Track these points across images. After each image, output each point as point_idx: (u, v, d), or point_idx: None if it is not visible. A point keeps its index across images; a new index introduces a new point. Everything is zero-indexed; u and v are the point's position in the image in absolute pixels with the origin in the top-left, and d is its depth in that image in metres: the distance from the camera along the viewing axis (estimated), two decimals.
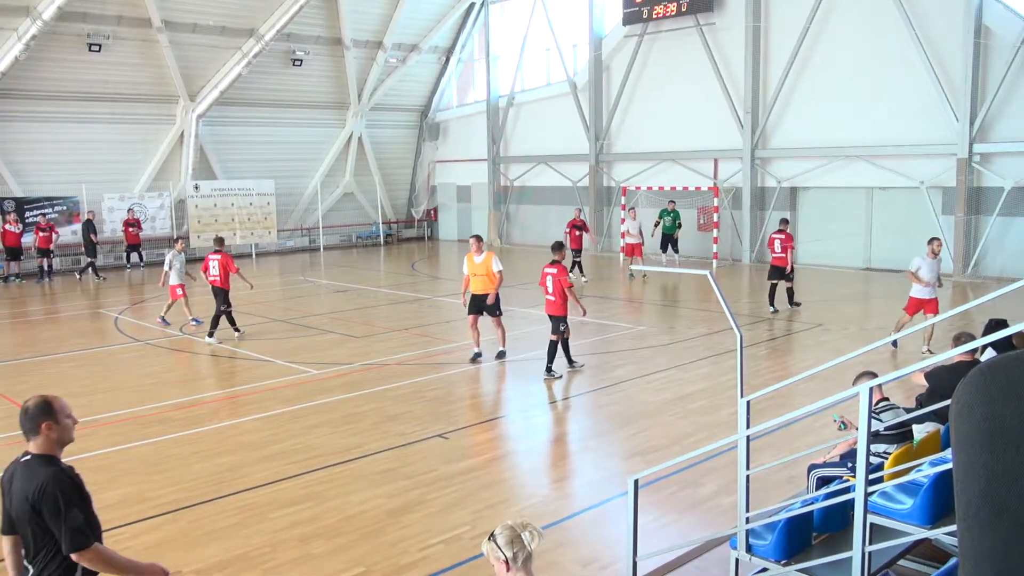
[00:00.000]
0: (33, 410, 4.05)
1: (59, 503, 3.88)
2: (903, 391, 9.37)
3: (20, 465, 4.05)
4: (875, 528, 4.92)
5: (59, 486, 3.91)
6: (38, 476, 3.93)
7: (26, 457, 4.05)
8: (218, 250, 15.44)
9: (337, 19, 29.09)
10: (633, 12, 26.29)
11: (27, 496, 3.92)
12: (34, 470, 3.97)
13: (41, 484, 3.90)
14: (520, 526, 3.52)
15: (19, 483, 3.99)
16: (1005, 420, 1.05)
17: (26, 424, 4.05)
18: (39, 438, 4.04)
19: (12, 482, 4.05)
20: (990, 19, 19.64)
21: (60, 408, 4.11)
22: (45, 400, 4.09)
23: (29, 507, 3.91)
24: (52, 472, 3.95)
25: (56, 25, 23.32)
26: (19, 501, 3.96)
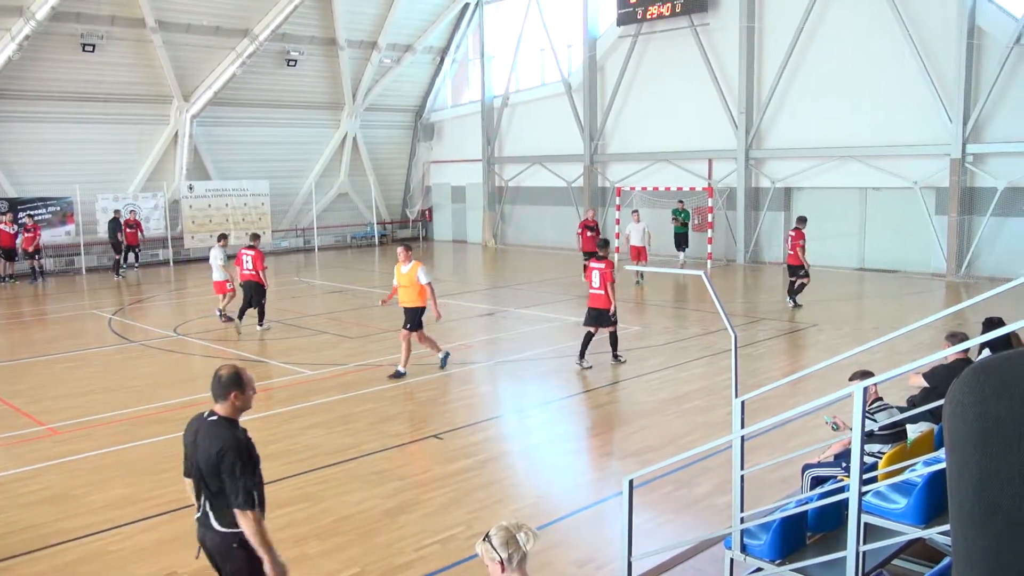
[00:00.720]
0: (225, 379, 4.65)
1: (236, 465, 4.46)
2: (898, 391, 9.40)
3: (206, 423, 4.64)
4: (869, 528, 4.93)
5: (238, 449, 4.51)
6: (222, 436, 4.53)
7: (212, 417, 4.65)
8: (251, 246, 16.00)
9: (331, 19, 29.06)
10: (627, 12, 26.31)
11: (211, 453, 4.51)
12: (219, 431, 4.56)
13: (223, 445, 4.49)
14: (515, 527, 3.52)
15: (204, 439, 4.58)
16: (998, 420, 1.06)
17: (217, 390, 4.65)
18: (226, 403, 4.65)
19: (197, 435, 4.65)
20: (983, 20, 19.71)
21: (247, 381, 4.70)
22: (237, 372, 4.71)
23: (214, 463, 4.50)
24: (234, 435, 4.55)
25: (49, 25, 23.27)
26: (204, 454, 4.55)
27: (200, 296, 21.83)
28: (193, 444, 4.68)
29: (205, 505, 4.66)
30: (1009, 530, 1.06)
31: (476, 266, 27.70)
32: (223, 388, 4.64)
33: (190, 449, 4.73)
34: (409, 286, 12.09)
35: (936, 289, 19.68)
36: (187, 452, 4.78)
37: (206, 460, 4.54)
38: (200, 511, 4.69)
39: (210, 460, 4.51)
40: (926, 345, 12.70)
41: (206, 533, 4.70)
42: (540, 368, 13.02)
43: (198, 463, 4.61)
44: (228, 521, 4.57)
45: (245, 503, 4.47)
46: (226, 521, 4.58)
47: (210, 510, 4.63)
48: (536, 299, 19.08)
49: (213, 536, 4.65)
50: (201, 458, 4.58)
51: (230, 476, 4.46)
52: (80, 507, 7.68)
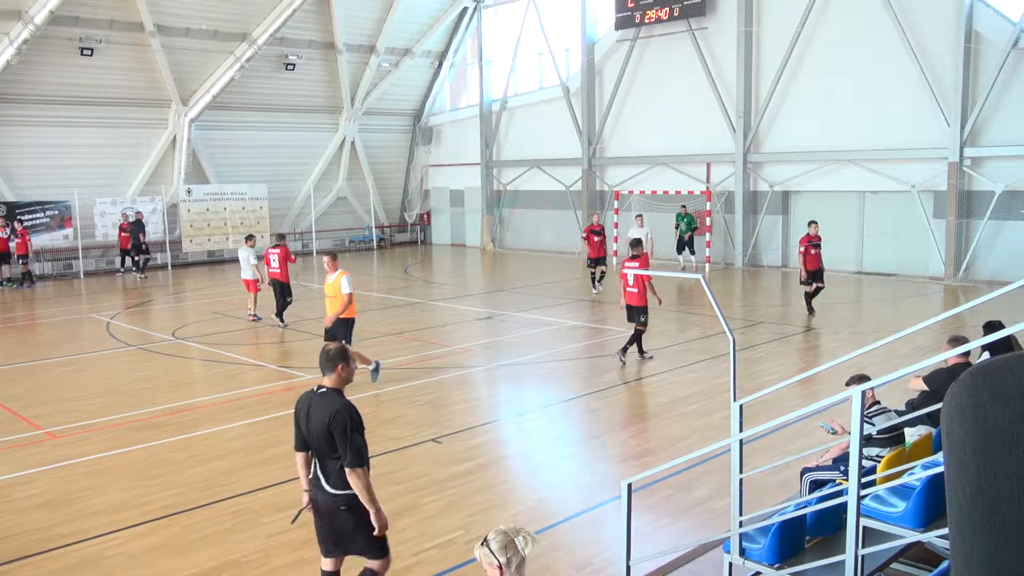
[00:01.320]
0: (333, 353, 5.30)
1: (348, 427, 5.03)
2: (897, 394, 9.40)
3: (317, 395, 5.24)
4: (868, 531, 4.93)
5: (349, 414, 5.08)
6: (333, 404, 5.10)
7: (322, 390, 5.25)
8: (278, 244, 16.61)
9: (330, 23, 29.09)
10: (625, 17, 26.35)
11: (325, 419, 5.05)
12: (329, 399, 5.16)
13: (336, 410, 5.07)
14: (514, 531, 3.52)
15: (317, 409, 5.14)
16: (996, 423, 1.06)
17: (325, 364, 5.29)
18: (333, 375, 5.26)
19: (309, 408, 5.22)
20: (980, 24, 19.75)
21: (351, 357, 5.38)
22: (343, 347, 5.40)
23: (326, 428, 5.05)
24: (344, 402, 5.15)
25: (48, 29, 23.27)
26: (318, 423, 5.10)
27: (199, 300, 21.82)
28: (307, 417, 5.23)
29: (317, 470, 5.25)
30: (1007, 533, 1.06)
31: (474, 270, 27.71)
32: (331, 361, 5.27)
33: (303, 422, 5.27)
34: (334, 296, 11.73)
35: (934, 293, 19.70)
36: (299, 426, 5.32)
37: (319, 427, 5.10)
38: (312, 475, 5.29)
39: (323, 426, 5.07)
40: (924, 349, 12.71)
41: (318, 494, 5.28)
42: (538, 372, 13.02)
43: (312, 432, 5.17)
44: (337, 484, 5.15)
45: (355, 461, 5.02)
46: (336, 484, 5.16)
47: (321, 474, 5.22)
48: (534, 303, 19.08)
49: (324, 497, 5.23)
50: (315, 427, 5.14)
51: (341, 437, 5.01)
52: (77, 512, 7.67)
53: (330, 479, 5.17)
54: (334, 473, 5.15)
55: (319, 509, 5.34)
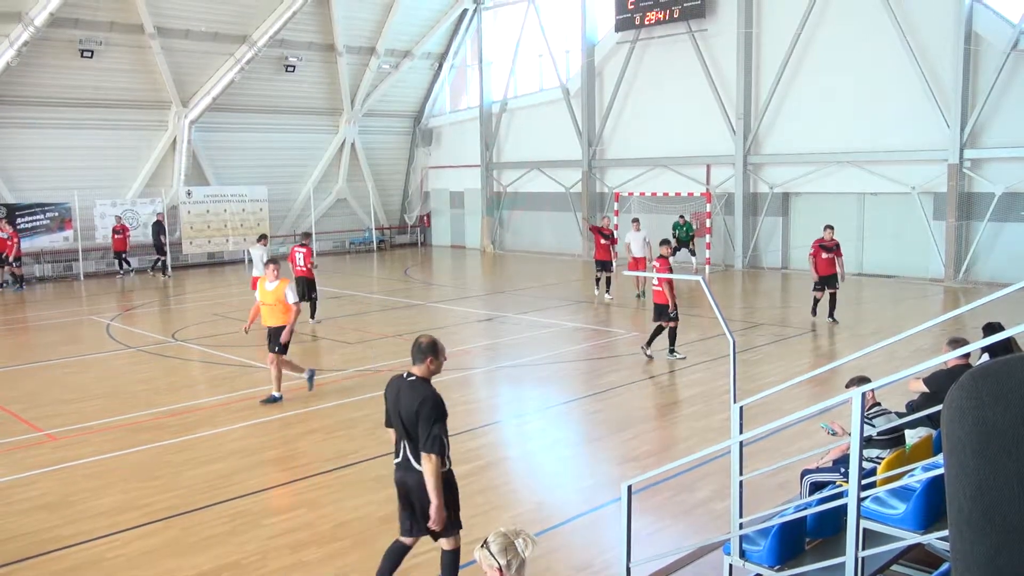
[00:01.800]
0: (424, 346, 5.63)
1: (432, 415, 5.39)
2: (897, 396, 9.40)
3: (406, 382, 5.60)
4: (868, 533, 4.93)
5: (435, 402, 5.44)
6: (422, 392, 5.48)
7: (411, 377, 5.61)
8: (303, 243, 17.23)
9: (330, 25, 29.10)
10: (625, 19, 26.36)
11: (414, 406, 5.42)
12: (418, 388, 5.52)
13: (424, 398, 5.43)
14: (513, 533, 3.52)
15: (405, 396, 5.52)
16: (996, 425, 1.06)
17: (416, 354, 5.62)
18: (422, 366, 5.60)
19: (398, 393, 5.59)
20: (980, 26, 19.76)
21: (441, 350, 5.69)
22: (434, 341, 5.69)
23: (415, 413, 5.42)
24: (431, 391, 5.52)
25: (48, 31, 23.28)
26: (407, 408, 5.47)
27: (199, 302, 21.81)
28: (395, 400, 5.61)
29: (406, 451, 5.60)
30: (1007, 535, 1.06)
31: (474, 272, 27.71)
32: (422, 353, 5.61)
33: (392, 404, 5.68)
34: (275, 304, 11.18)
35: (934, 294, 19.70)
36: (388, 406, 5.74)
37: (408, 413, 5.48)
38: (400, 456, 5.65)
39: (411, 412, 5.44)
40: (924, 350, 12.71)
41: (406, 474, 5.63)
42: (538, 374, 13.01)
43: (400, 416, 5.55)
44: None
45: (431, 447, 5.37)
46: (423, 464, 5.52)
47: (410, 454, 5.57)
48: (534, 304, 19.08)
49: (413, 476, 5.56)
50: (404, 412, 5.51)
51: (424, 423, 5.38)
52: (77, 514, 7.66)
53: (419, 460, 5.51)
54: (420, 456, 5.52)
55: (405, 489, 5.69)
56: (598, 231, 19.45)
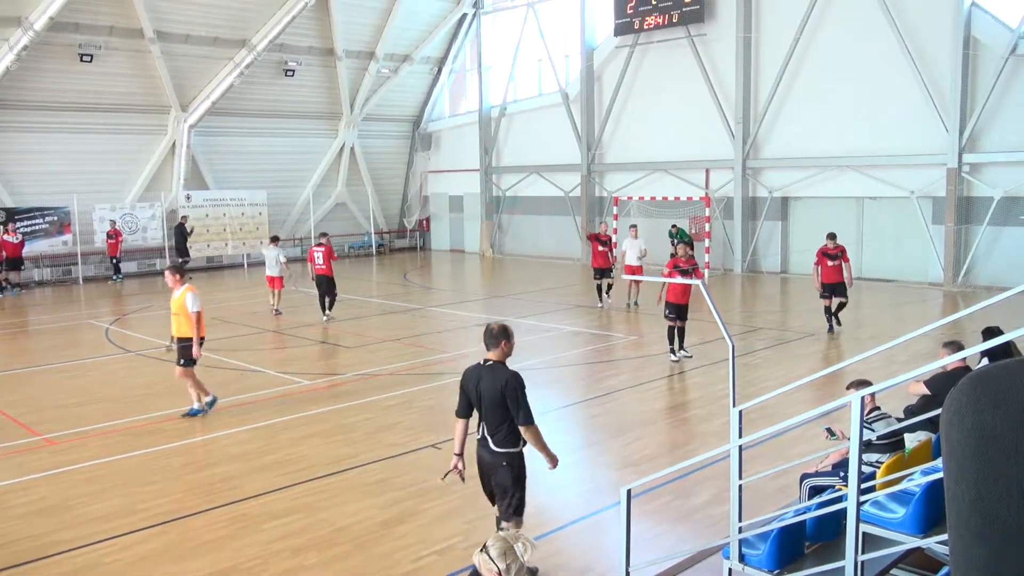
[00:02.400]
0: (497, 331, 6.05)
1: (518, 392, 5.88)
2: (896, 400, 9.40)
3: (485, 368, 6.02)
4: (867, 537, 4.92)
5: (518, 381, 5.92)
6: (503, 374, 5.93)
7: (489, 363, 6.03)
8: (321, 243, 18.00)
9: (329, 30, 29.13)
10: (624, 23, 26.39)
11: (497, 387, 5.86)
12: (498, 371, 5.96)
13: (506, 379, 5.88)
14: (513, 537, 3.51)
15: (487, 379, 5.94)
16: (995, 429, 1.06)
17: (490, 340, 6.05)
18: (497, 350, 6.03)
19: (479, 380, 5.99)
20: (978, 30, 19.79)
21: (511, 333, 6.13)
22: (504, 326, 6.11)
23: (499, 394, 5.85)
24: (511, 372, 5.97)
25: (48, 35, 23.30)
26: (489, 391, 5.90)
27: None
28: (476, 387, 6.02)
29: (485, 432, 6.07)
30: (1007, 540, 1.06)
31: (474, 276, 27.71)
32: (495, 338, 6.04)
33: (471, 392, 6.06)
34: (179, 313, 10.67)
35: (933, 298, 19.71)
36: (466, 394, 6.12)
37: (491, 394, 5.91)
38: (480, 436, 6.12)
39: (495, 393, 5.87)
40: (924, 354, 12.71)
41: (484, 453, 6.12)
42: (537, 378, 13.00)
43: (481, 399, 5.98)
44: (502, 444, 6.00)
45: (527, 419, 5.91)
46: (500, 444, 6.00)
47: (489, 436, 6.03)
48: (533, 309, 19.07)
49: (490, 455, 6.06)
50: (486, 395, 5.94)
51: (514, 401, 5.85)
52: (76, 518, 7.65)
53: (496, 439, 6.00)
54: (501, 434, 5.99)
55: (484, 465, 6.17)
56: (595, 238, 19.24)
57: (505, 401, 5.87)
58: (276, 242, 19.28)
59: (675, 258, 14.07)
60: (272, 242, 19.32)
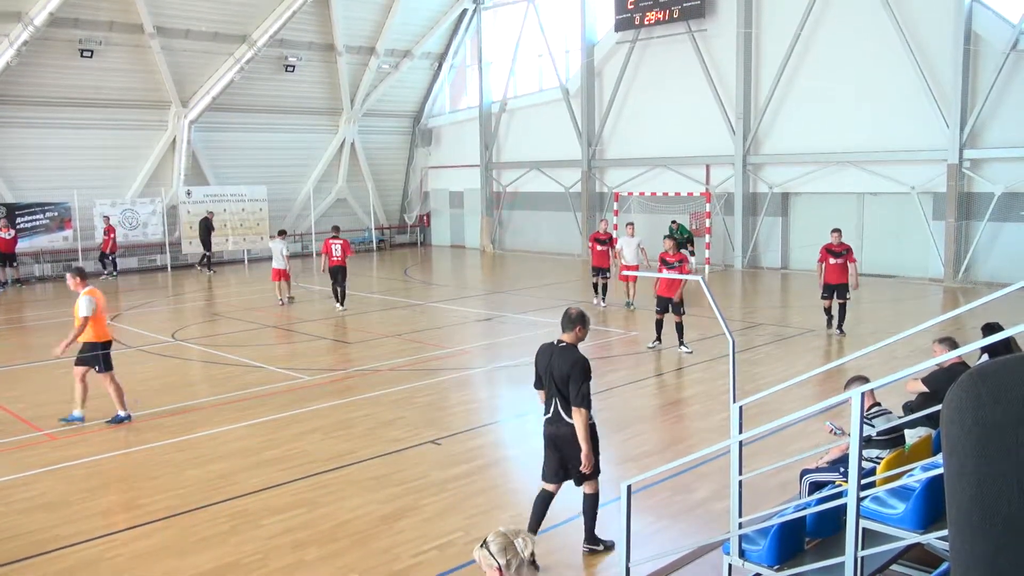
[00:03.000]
0: (574, 316, 6.53)
1: (581, 376, 6.30)
2: (896, 396, 9.40)
3: (557, 348, 6.50)
4: (867, 533, 4.92)
5: (584, 365, 6.36)
6: (572, 356, 6.39)
7: (562, 344, 6.50)
8: (337, 236, 18.95)
9: (330, 25, 29.09)
10: (625, 18, 26.36)
11: (566, 368, 6.33)
12: (569, 352, 6.42)
13: (574, 361, 6.34)
14: (513, 533, 3.51)
15: (558, 359, 6.42)
16: (995, 425, 1.06)
17: (567, 324, 6.53)
18: (571, 334, 6.48)
19: (551, 359, 6.47)
20: (979, 25, 19.76)
21: (588, 320, 6.59)
22: (582, 312, 6.59)
23: (567, 374, 6.32)
24: (580, 355, 6.42)
25: (48, 31, 23.27)
26: (560, 370, 6.37)
27: (198, 301, 21.82)
28: (547, 364, 6.48)
29: (556, 406, 6.47)
30: (1007, 535, 1.06)
31: (474, 271, 27.71)
32: (572, 323, 6.50)
33: (543, 368, 6.54)
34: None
35: (934, 294, 19.70)
36: (540, 370, 6.60)
37: (560, 374, 6.37)
38: (552, 412, 6.52)
39: (563, 373, 6.34)
40: (924, 350, 12.68)
41: (556, 428, 6.50)
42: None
43: (553, 377, 6.42)
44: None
45: (582, 403, 6.28)
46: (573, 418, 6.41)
47: (561, 410, 6.45)
48: (534, 304, 19.07)
49: (563, 428, 6.44)
50: (556, 373, 6.39)
51: (575, 383, 6.28)
52: (76, 513, 7.66)
53: (569, 414, 6.37)
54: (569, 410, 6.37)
55: (556, 439, 6.52)
56: (594, 238, 18.81)
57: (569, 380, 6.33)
58: (283, 236, 20.04)
59: (663, 253, 14.20)
60: (279, 235, 20.02)
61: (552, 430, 6.53)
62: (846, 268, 14.66)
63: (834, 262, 14.71)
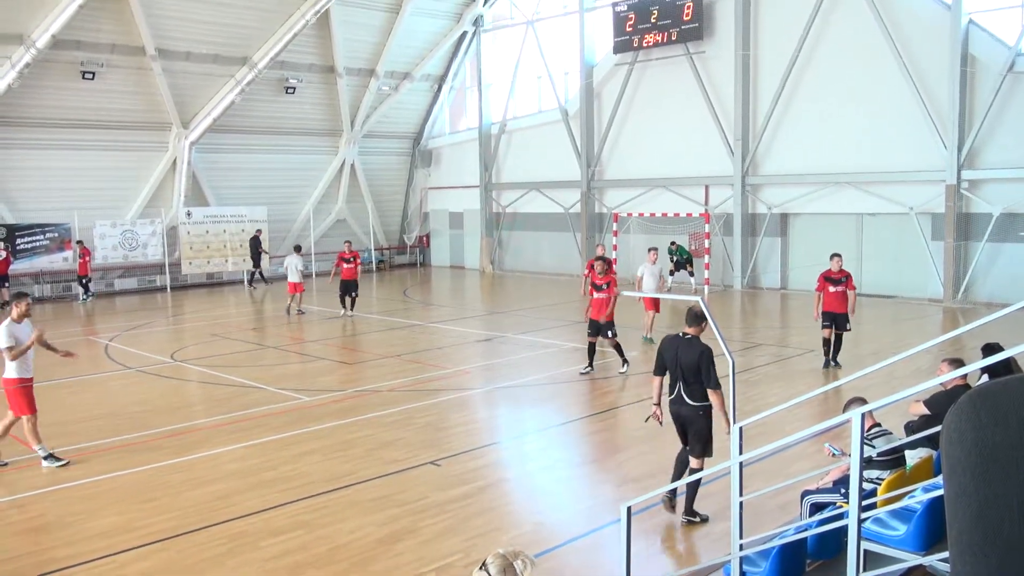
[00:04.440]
0: (698, 313, 7.57)
1: (709, 362, 7.43)
2: (897, 416, 9.37)
3: (683, 340, 7.60)
4: (869, 554, 4.90)
5: (710, 354, 7.46)
6: (699, 347, 7.49)
7: (687, 336, 7.61)
8: (354, 251, 20.98)
9: (330, 47, 29.27)
10: (623, 40, 26.53)
11: (695, 357, 7.42)
12: (695, 343, 7.54)
13: (702, 351, 7.45)
14: (512, 554, 3.49)
15: (685, 349, 7.52)
16: (996, 446, 1.06)
17: (692, 320, 7.61)
18: (696, 328, 7.60)
19: (678, 349, 7.56)
20: (976, 48, 19.89)
21: (706, 317, 7.46)
22: (703, 309, 7.47)
23: (696, 362, 7.39)
24: (705, 346, 7.51)
25: (50, 53, 23.40)
26: (688, 359, 7.46)
27: (197, 322, 21.80)
28: (674, 354, 7.56)
29: (680, 390, 7.55)
30: (1008, 556, 1.06)
31: (474, 292, 27.72)
32: (697, 319, 7.58)
33: (670, 357, 7.61)
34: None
35: (933, 315, 19.70)
36: (666, 359, 7.66)
37: (688, 362, 7.44)
38: (675, 394, 7.60)
39: (692, 361, 7.41)
40: (924, 371, 12.69)
41: (680, 408, 7.59)
42: (538, 394, 12.99)
43: (679, 365, 7.50)
44: (696, 399, 7.51)
45: (717, 385, 7.43)
46: (695, 399, 7.51)
47: (684, 393, 7.53)
48: (533, 325, 19.06)
49: (687, 409, 7.56)
50: (684, 362, 7.47)
51: (706, 369, 7.38)
52: (74, 535, 7.62)
53: (693, 396, 7.49)
54: (696, 392, 7.47)
55: (680, 417, 7.66)
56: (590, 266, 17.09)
57: (700, 367, 7.34)
58: (299, 251, 21.98)
59: (593, 275, 13.96)
60: (295, 251, 21.91)
61: (676, 409, 7.64)
62: (846, 297, 13.89)
63: (833, 290, 13.90)
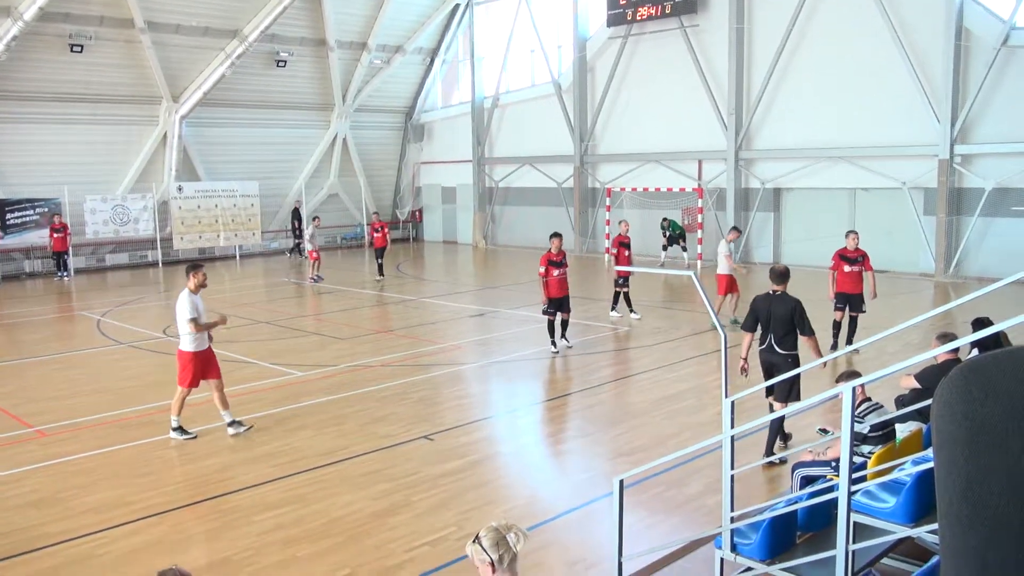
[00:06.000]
0: (783, 271, 8.61)
1: (804, 313, 8.30)
2: (888, 391, 9.43)
3: (775, 297, 8.43)
4: (858, 527, 4.94)
5: (802, 306, 8.31)
6: (791, 301, 8.35)
7: (778, 293, 8.44)
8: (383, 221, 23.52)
9: (321, 20, 29.01)
10: (617, 14, 26.35)
11: (788, 309, 8.29)
12: (786, 298, 8.40)
13: (794, 304, 8.30)
14: (505, 527, 3.51)
15: (777, 304, 8.36)
16: (985, 419, 1.06)
17: (777, 278, 8.54)
18: (783, 285, 8.49)
19: (771, 304, 8.39)
20: (970, 21, 19.81)
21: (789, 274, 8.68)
22: (787, 268, 8.76)
23: (790, 314, 8.26)
24: (795, 299, 8.36)
25: (38, 26, 23.13)
26: (781, 312, 8.30)
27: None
28: (767, 309, 8.38)
29: (771, 340, 8.39)
30: (996, 529, 1.06)
31: (466, 267, 27.69)
32: (782, 276, 8.52)
33: (763, 312, 8.41)
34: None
35: (924, 289, 19.77)
36: (759, 314, 8.44)
37: (781, 315, 8.28)
38: (767, 343, 8.44)
39: (785, 314, 8.27)
40: (915, 345, 12.76)
41: (771, 355, 8.43)
42: (530, 369, 13.02)
43: (771, 318, 8.33)
44: (785, 347, 8.34)
45: (811, 332, 8.30)
46: (784, 347, 8.35)
47: (775, 343, 8.38)
48: (526, 299, 19.06)
49: (777, 357, 8.35)
50: (777, 314, 8.31)
51: (800, 320, 8.24)
52: (67, 510, 7.63)
53: (783, 345, 8.33)
54: (786, 341, 8.32)
55: (770, 364, 8.43)
56: (620, 243, 16.57)
57: (792, 318, 8.21)
58: (317, 221, 23.97)
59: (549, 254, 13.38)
60: (313, 222, 23.83)
61: (767, 357, 8.44)
62: (862, 277, 13.29)
63: (849, 270, 13.27)
